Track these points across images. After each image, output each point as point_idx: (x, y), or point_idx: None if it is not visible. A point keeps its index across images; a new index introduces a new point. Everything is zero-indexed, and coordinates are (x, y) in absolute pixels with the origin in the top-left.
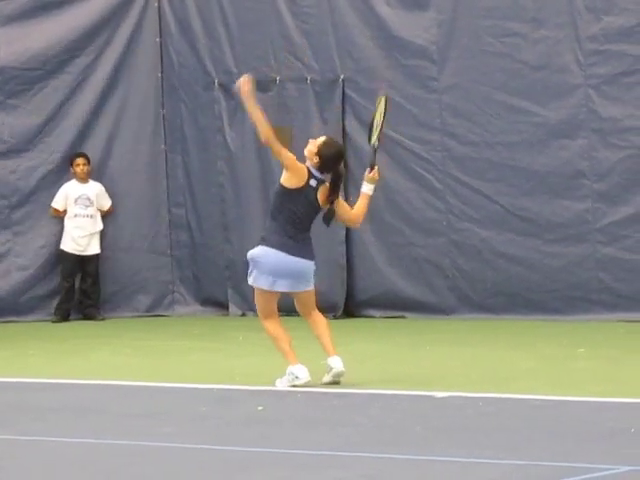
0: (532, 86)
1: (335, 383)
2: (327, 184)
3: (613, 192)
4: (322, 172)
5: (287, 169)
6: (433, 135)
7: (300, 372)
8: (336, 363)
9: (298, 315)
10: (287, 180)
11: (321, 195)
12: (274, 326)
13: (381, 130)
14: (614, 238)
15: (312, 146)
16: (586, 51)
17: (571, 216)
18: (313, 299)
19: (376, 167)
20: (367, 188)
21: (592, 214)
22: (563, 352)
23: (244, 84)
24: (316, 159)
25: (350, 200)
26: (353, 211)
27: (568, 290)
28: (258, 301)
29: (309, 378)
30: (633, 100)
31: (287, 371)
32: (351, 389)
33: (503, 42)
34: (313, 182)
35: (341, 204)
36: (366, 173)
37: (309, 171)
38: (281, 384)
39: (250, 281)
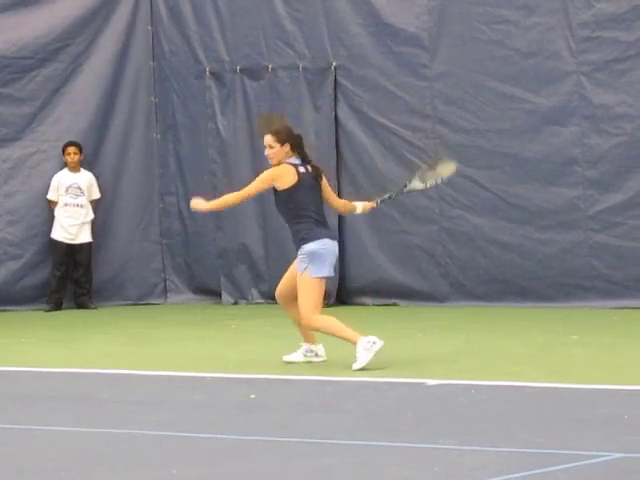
0: (524, 73)
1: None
2: (309, 160)
3: (605, 179)
4: (298, 153)
5: (275, 181)
6: (425, 122)
7: (373, 338)
8: (320, 350)
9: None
10: (283, 184)
11: (315, 171)
12: (324, 316)
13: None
14: (606, 225)
15: (270, 150)
16: (578, 38)
17: (563, 203)
18: None
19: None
20: (359, 209)
21: (584, 201)
22: (556, 339)
23: (197, 206)
24: (286, 148)
25: (343, 192)
26: (340, 201)
27: (560, 277)
28: (315, 293)
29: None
30: (625, 87)
31: (359, 347)
32: (343, 377)
33: (494, 29)
34: (302, 169)
35: (325, 184)
36: (370, 204)
37: (291, 164)
38: (364, 358)
39: (314, 274)
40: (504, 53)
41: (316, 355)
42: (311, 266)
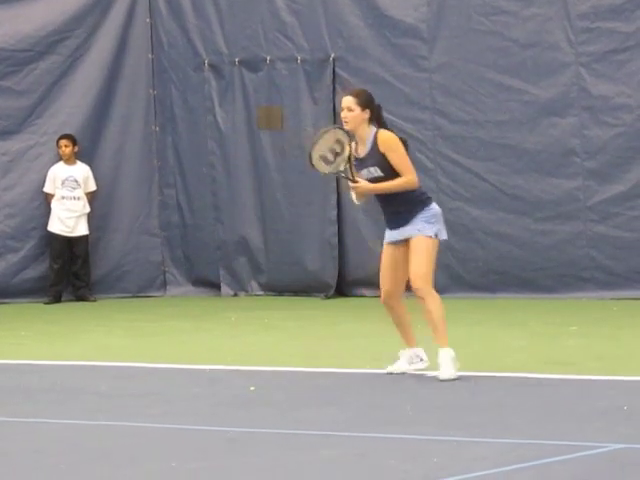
0: (522, 64)
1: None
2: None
3: (604, 170)
4: (377, 123)
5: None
6: (424, 114)
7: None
8: (423, 354)
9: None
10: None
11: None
12: (438, 295)
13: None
14: (605, 216)
15: (349, 112)
16: (576, 29)
17: (562, 194)
18: None
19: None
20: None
21: (583, 192)
22: (556, 330)
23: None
24: (366, 114)
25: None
26: None
27: (559, 268)
28: (433, 261)
29: None
30: (624, 77)
31: (447, 356)
32: (342, 368)
33: (493, 20)
34: None
35: None
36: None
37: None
38: (451, 373)
39: (441, 235)
40: (503, 44)
41: (421, 360)
42: (441, 228)
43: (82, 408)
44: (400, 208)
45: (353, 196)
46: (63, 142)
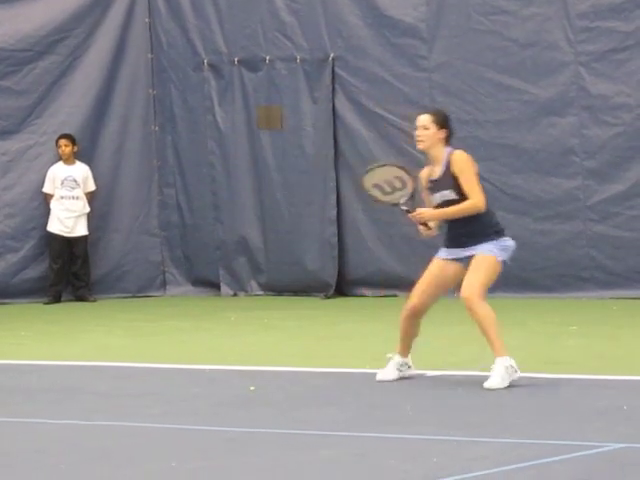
0: (522, 64)
1: None
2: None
3: (603, 169)
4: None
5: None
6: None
7: (515, 364)
8: (410, 362)
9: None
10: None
11: None
12: (489, 306)
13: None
14: (605, 215)
15: (424, 131)
16: (576, 28)
17: (561, 194)
18: None
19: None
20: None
21: (583, 191)
22: (555, 330)
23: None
24: (442, 134)
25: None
26: None
27: (559, 268)
28: (492, 278)
29: None
30: (623, 77)
31: (500, 365)
32: (342, 368)
33: (492, 20)
34: None
35: None
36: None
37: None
38: (501, 383)
39: (500, 258)
40: (502, 44)
41: (409, 367)
42: (504, 254)
43: (81, 408)
44: (471, 235)
45: (420, 229)
46: (62, 142)
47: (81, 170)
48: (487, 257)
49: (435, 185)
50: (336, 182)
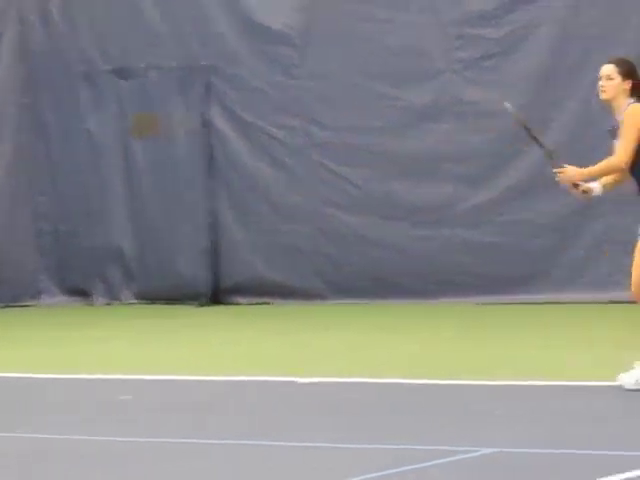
0: (395, 71)
1: None
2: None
3: (476, 176)
4: (637, 97)
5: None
6: (296, 121)
7: None
8: None
9: None
10: None
11: None
12: None
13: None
14: (477, 222)
15: (607, 81)
16: (448, 36)
17: (435, 200)
18: None
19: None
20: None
21: (455, 198)
22: (429, 335)
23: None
24: (626, 85)
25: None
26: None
27: (433, 273)
28: None
29: None
30: (494, 84)
31: None
32: (215, 376)
33: (365, 27)
34: None
35: None
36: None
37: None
38: (634, 384)
39: None
40: (375, 51)
41: None
42: None
43: None
44: None
45: (573, 193)
46: None
47: None
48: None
49: (615, 133)
50: (210, 190)
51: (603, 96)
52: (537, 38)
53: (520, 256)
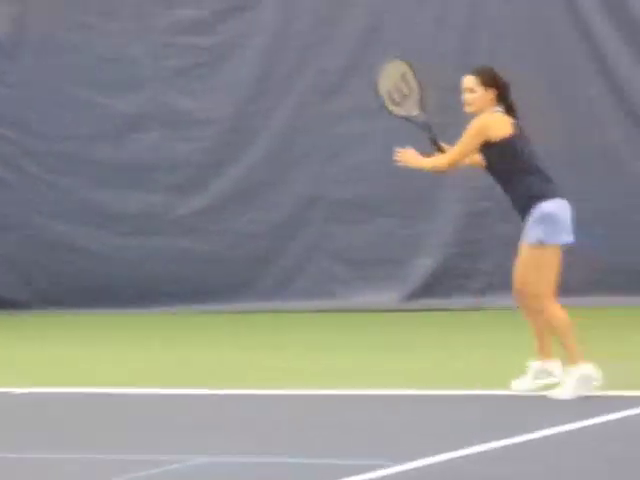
0: (105, 79)
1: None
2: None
3: (186, 184)
4: (504, 104)
5: (489, 130)
6: (7, 130)
7: (594, 372)
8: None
9: None
10: (498, 134)
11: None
12: (562, 310)
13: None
14: (188, 230)
15: (470, 94)
16: (157, 43)
17: (146, 208)
18: None
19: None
20: None
21: (165, 206)
22: (134, 346)
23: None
24: (491, 94)
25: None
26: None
27: (144, 283)
28: (551, 269)
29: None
30: (203, 92)
31: (573, 375)
32: None
33: (75, 35)
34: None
35: None
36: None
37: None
38: (572, 393)
39: (550, 240)
40: (85, 59)
41: (549, 375)
42: (547, 230)
43: None
44: (513, 203)
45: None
46: None
47: None
48: (534, 249)
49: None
50: None
51: (468, 109)
52: (249, 47)
53: (229, 265)
